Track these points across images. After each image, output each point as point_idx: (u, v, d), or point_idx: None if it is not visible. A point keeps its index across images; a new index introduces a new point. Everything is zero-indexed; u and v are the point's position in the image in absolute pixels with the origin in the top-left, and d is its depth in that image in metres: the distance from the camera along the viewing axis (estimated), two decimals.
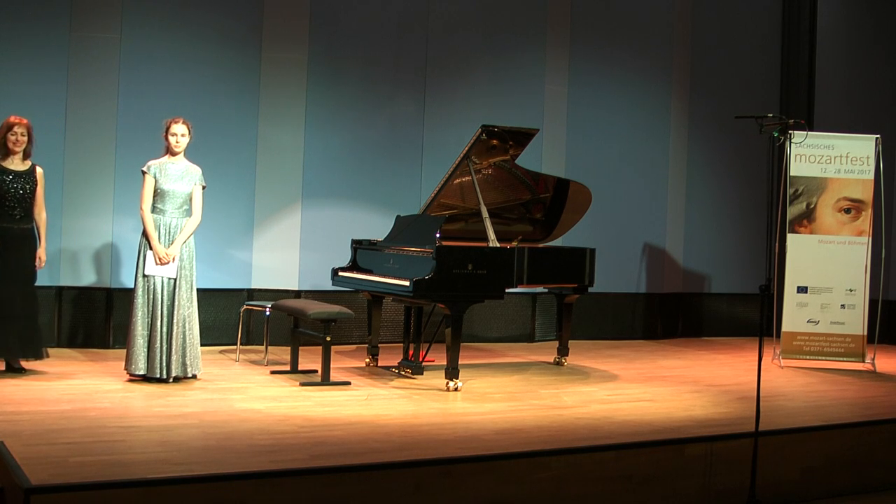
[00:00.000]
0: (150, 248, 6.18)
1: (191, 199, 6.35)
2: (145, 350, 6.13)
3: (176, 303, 6.17)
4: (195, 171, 6.38)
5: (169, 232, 6.25)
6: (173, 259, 6.18)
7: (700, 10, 10.17)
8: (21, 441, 4.36)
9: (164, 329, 6.14)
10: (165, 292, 6.17)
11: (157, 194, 6.26)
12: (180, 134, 6.31)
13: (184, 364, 6.20)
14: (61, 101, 7.59)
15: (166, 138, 6.34)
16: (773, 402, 6.29)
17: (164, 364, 6.13)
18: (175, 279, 6.18)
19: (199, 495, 3.81)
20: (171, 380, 6.15)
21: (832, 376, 7.73)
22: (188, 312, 6.24)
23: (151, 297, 6.14)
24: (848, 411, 6.28)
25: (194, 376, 6.31)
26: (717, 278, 10.35)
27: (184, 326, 6.20)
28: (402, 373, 6.92)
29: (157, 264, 6.16)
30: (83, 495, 3.64)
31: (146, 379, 6.14)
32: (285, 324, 7.61)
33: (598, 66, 9.62)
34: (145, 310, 6.14)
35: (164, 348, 6.13)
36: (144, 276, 6.16)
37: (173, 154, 6.33)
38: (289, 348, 7.02)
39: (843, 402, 6.56)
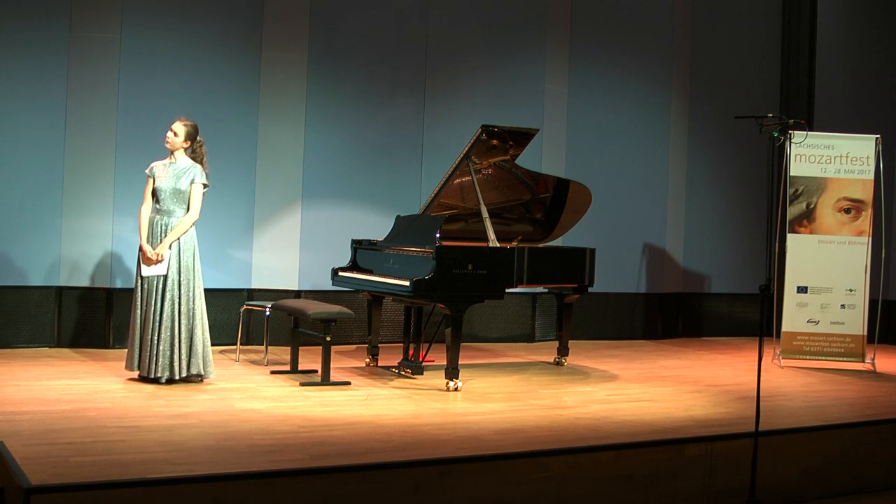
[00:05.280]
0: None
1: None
2: (138, 350, 6.11)
3: (169, 300, 6.07)
4: (194, 170, 6.29)
5: (168, 233, 6.21)
6: (161, 258, 6.12)
7: (700, 9, 10.17)
8: (21, 441, 4.36)
9: (159, 329, 6.05)
10: (160, 292, 6.10)
11: (156, 194, 6.24)
12: (171, 130, 6.28)
13: (189, 364, 6.12)
14: (61, 101, 7.59)
15: None
16: (773, 402, 6.29)
17: (154, 364, 6.03)
18: (165, 276, 6.10)
19: (199, 495, 3.81)
20: (163, 380, 6.06)
21: (832, 376, 7.73)
22: (190, 310, 6.15)
23: (147, 297, 6.11)
24: (848, 411, 6.28)
25: (200, 377, 6.22)
26: (717, 278, 10.35)
27: (186, 323, 6.11)
28: (402, 373, 6.92)
29: (145, 264, 6.14)
30: (83, 495, 3.63)
31: (142, 379, 6.13)
32: (285, 324, 7.62)
33: (598, 65, 9.62)
34: (139, 310, 6.12)
35: (157, 349, 6.04)
36: (141, 276, 6.15)
37: (172, 152, 6.31)
38: (289, 348, 7.02)
39: (843, 402, 6.56)
